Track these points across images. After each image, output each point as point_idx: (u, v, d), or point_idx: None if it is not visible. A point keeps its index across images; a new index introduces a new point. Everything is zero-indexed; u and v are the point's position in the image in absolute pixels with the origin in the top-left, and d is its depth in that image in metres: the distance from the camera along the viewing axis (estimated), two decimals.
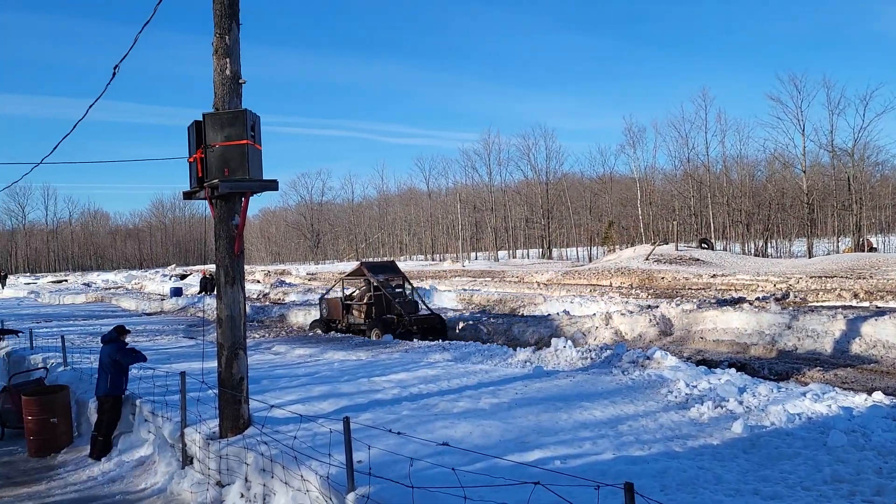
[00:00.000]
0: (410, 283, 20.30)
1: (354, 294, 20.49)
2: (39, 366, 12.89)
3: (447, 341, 15.49)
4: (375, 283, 18.89)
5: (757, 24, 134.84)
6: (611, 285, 32.59)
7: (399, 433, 6.29)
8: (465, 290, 30.34)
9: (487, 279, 39.52)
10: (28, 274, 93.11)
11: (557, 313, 20.09)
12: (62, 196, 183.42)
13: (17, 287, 56.19)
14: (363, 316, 18.95)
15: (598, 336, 16.72)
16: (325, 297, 21.10)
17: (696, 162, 60.61)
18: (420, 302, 19.79)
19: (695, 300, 19.72)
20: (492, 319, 20.08)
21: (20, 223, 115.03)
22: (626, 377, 9.61)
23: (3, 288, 53.59)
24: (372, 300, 18.85)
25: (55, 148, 14.77)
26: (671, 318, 17.03)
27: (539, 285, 34.08)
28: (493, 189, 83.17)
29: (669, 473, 5.58)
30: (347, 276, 21.27)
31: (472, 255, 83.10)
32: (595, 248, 74.12)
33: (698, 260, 40.32)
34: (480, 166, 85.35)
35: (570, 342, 12.78)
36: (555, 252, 77.74)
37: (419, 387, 9.58)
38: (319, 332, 19.65)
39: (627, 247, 58.31)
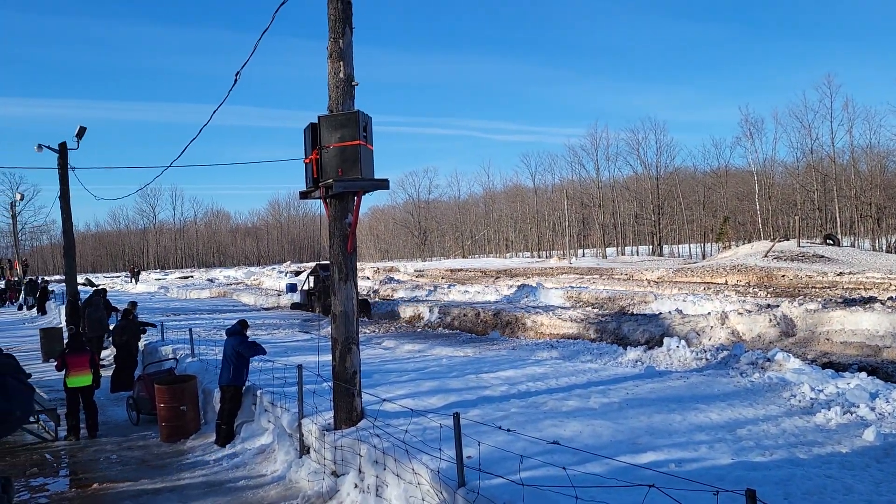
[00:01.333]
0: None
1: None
2: (170, 356, 13.75)
3: (555, 339, 15.41)
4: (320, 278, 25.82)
5: (888, 4, 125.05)
6: (726, 283, 31.21)
7: (508, 430, 6.29)
8: (572, 287, 29.83)
9: (595, 276, 38.72)
10: (158, 270, 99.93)
11: (669, 312, 19.46)
12: (188, 197, 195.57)
13: (149, 283, 60.11)
14: (318, 302, 25.83)
15: (713, 336, 16.07)
16: (301, 288, 29.68)
17: (821, 153, 57.24)
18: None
19: (819, 299, 18.59)
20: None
21: (151, 223, 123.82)
22: (744, 379, 9.21)
23: (136, 283, 57.64)
24: (322, 291, 25.08)
25: (183, 151, 15.82)
26: (793, 319, 16.12)
27: (649, 283, 33.10)
28: (601, 184, 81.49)
29: (793, 481, 5.32)
30: (310, 272, 29.71)
31: (579, 251, 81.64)
32: (709, 244, 71.27)
33: (823, 257, 37.87)
34: (587, 162, 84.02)
35: (683, 342, 12.39)
36: (665, 249, 75.32)
37: (527, 384, 9.56)
38: (299, 310, 27.77)
39: (744, 243, 55.65)
